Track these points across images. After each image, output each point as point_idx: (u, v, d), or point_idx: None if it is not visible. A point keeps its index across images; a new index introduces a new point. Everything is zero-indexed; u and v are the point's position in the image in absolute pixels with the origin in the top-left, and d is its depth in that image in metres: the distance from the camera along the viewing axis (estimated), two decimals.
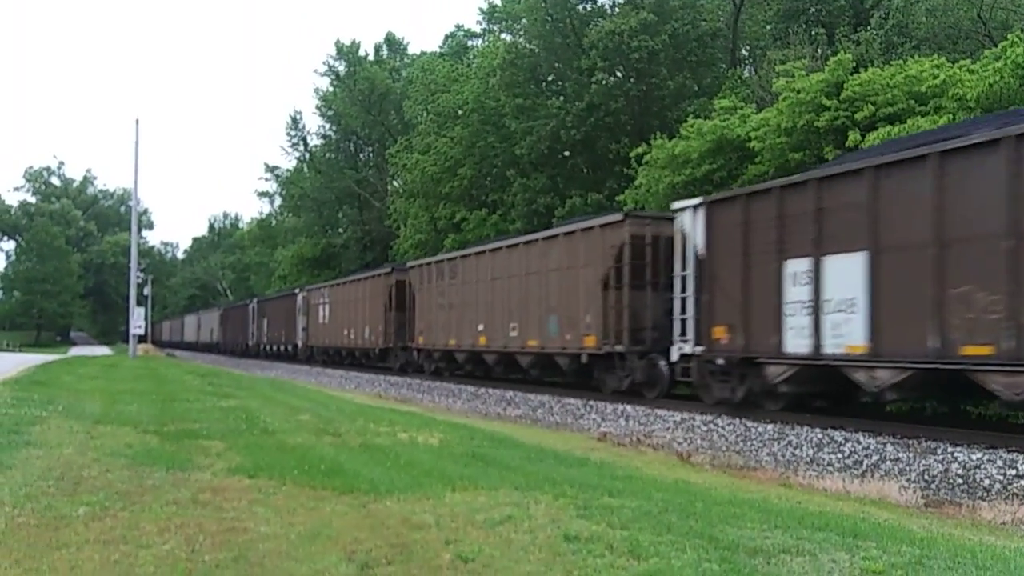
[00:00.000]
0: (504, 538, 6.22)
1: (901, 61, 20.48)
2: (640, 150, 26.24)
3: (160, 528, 6.37)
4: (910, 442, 11.18)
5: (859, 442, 11.60)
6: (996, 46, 19.20)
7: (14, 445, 10.04)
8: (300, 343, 40.62)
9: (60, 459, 9.30)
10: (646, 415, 15.72)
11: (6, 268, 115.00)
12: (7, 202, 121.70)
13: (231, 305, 68.05)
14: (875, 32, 25.56)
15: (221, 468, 9.05)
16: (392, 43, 64.12)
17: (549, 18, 34.22)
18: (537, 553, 5.82)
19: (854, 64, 21.26)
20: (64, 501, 7.18)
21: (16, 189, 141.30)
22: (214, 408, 16.21)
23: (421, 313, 27.38)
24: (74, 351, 70.92)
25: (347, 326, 34.24)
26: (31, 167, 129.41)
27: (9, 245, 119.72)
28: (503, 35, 43.34)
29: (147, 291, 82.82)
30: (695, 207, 15.17)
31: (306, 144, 66.14)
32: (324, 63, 62.36)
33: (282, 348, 44.86)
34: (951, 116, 17.40)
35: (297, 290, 42.52)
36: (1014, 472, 9.53)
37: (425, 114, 43.65)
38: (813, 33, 28.00)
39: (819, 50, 25.91)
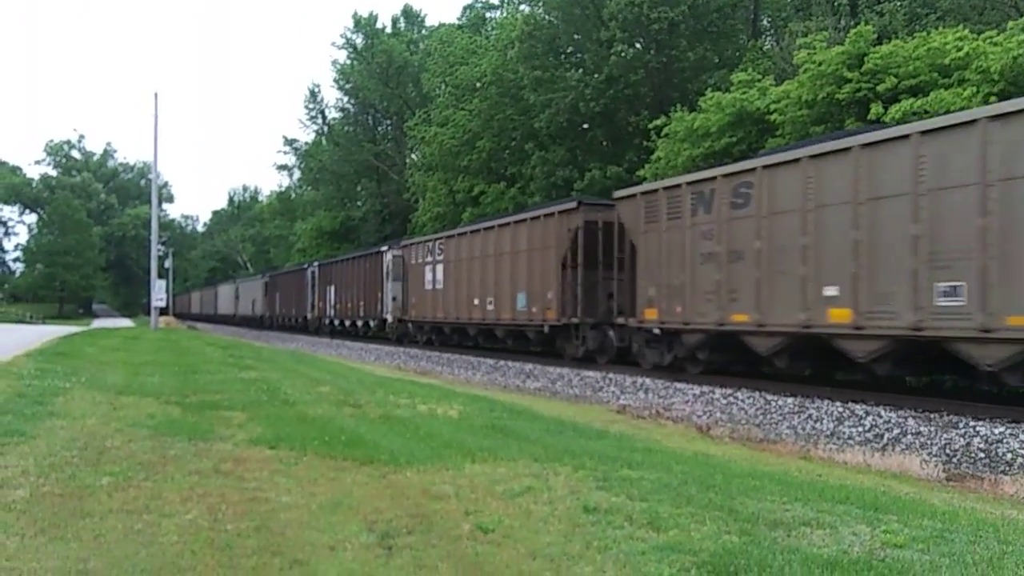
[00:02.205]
0: (524, 509, 6.24)
1: (924, 33, 20.18)
2: (659, 122, 26.08)
3: (183, 498, 6.43)
4: (931, 416, 11.14)
5: (880, 415, 11.56)
6: (1023, 17, 18.86)
7: (38, 416, 10.14)
8: (390, 317, 31.93)
9: (83, 430, 9.39)
10: (665, 388, 15.72)
11: (28, 241, 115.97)
12: (28, 175, 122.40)
13: (279, 270, 57.50)
14: (899, 3, 25.20)
15: (242, 439, 9.12)
16: (410, 15, 63.84)
17: None
18: (556, 524, 5.83)
19: (876, 35, 20.98)
20: (87, 471, 7.24)
21: (37, 163, 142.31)
22: (235, 379, 16.31)
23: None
24: (96, 323, 71.47)
25: (481, 293, 24.65)
26: (52, 140, 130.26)
27: (31, 218, 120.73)
28: (522, 7, 43.05)
29: (168, 264, 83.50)
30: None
31: (324, 117, 66.16)
32: (342, 36, 62.35)
33: (359, 324, 36.35)
34: (975, 88, 17.16)
35: (385, 247, 33.41)
36: None
37: (443, 87, 43.49)
38: (836, 4, 27.63)
39: (841, 21, 25.58)
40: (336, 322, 39.56)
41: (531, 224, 21.66)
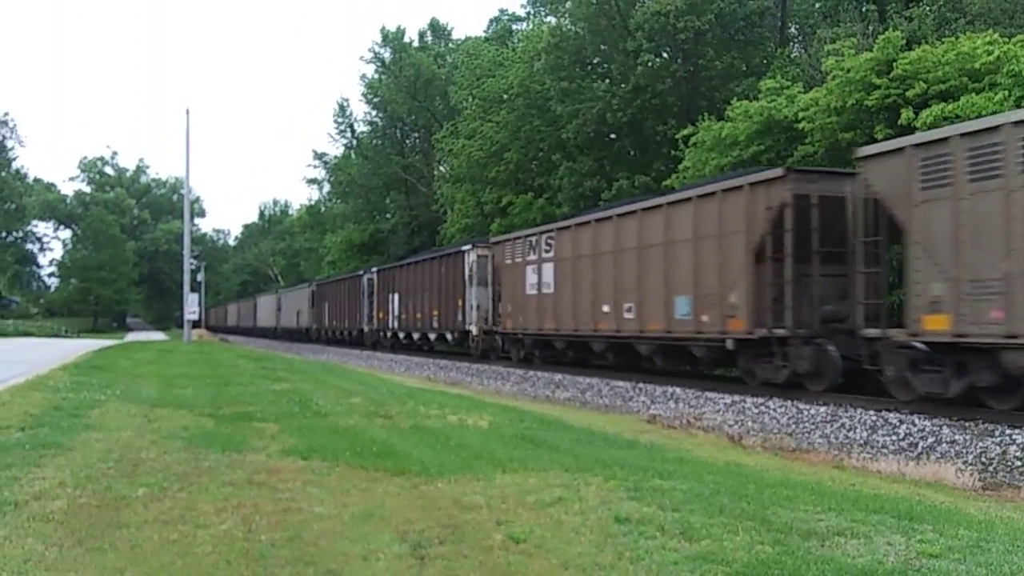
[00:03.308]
0: (555, 519, 6.24)
1: (954, 38, 20.01)
2: (687, 132, 26.01)
3: (217, 508, 6.49)
4: (967, 424, 11.00)
5: (914, 424, 11.44)
6: None
7: (75, 428, 10.29)
8: (474, 328, 27.24)
9: (119, 442, 9.51)
10: (696, 397, 15.64)
11: (63, 256, 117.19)
12: (63, 192, 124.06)
13: (329, 278, 51.71)
14: (928, 8, 25.00)
15: (275, 450, 9.19)
16: (436, 29, 64.15)
17: (594, 0, 33.94)
18: (588, 534, 5.83)
19: (905, 41, 20.84)
20: (123, 482, 7.34)
21: (71, 179, 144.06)
22: (267, 391, 16.45)
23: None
24: (130, 337, 72.30)
25: (615, 297, 19.25)
26: (85, 157, 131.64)
27: (66, 234, 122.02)
28: (548, 18, 43.16)
29: (200, 277, 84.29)
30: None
31: (353, 131, 66.54)
32: (370, 50, 62.69)
33: (431, 337, 31.89)
34: (1007, 92, 16.99)
35: (467, 246, 28.36)
36: None
37: (471, 99, 43.62)
38: (864, 10, 27.48)
39: (870, 27, 25.41)
40: (401, 335, 34.96)
41: (700, 204, 16.52)
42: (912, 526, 6.24)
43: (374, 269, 39.42)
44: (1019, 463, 9.66)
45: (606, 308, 19.52)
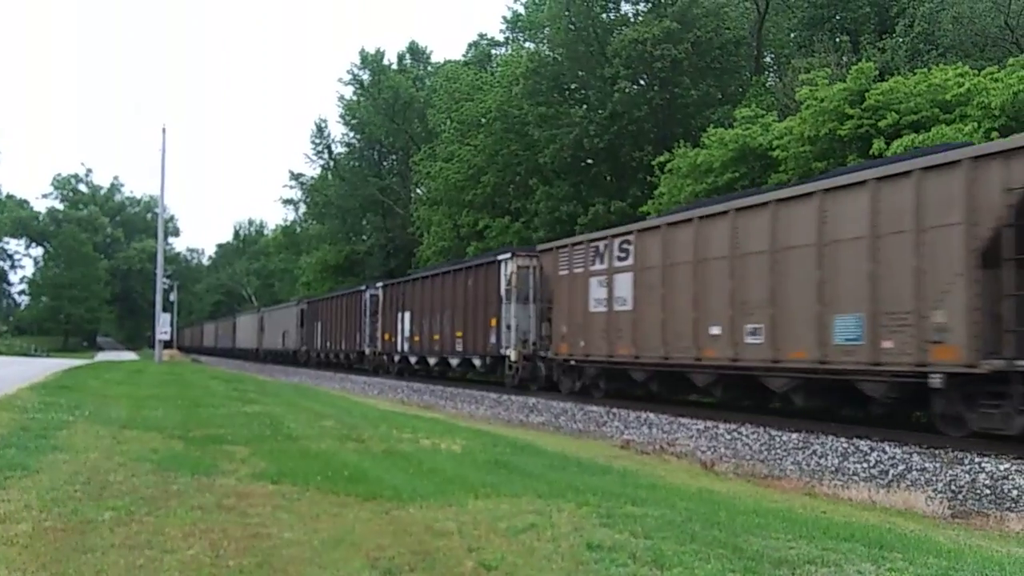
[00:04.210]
0: (527, 546, 6.21)
1: (926, 69, 20.35)
2: (663, 158, 26.23)
3: (185, 533, 6.41)
4: (937, 452, 11.07)
5: (885, 451, 11.51)
6: (1023, 53, 19.05)
7: (41, 449, 10.13)
8: (512, 352, 22.58)
9: (86, 464, 9.38)
10: (669, 423, 15.65)
11: (34, 274, 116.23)
12: (36, 209, 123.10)
13: (323, 295, 47.01)
14: (900, 40, 25.42)
15: (245, 474, 9.10)
16: (415, 52, 64.45)
17: (572, 27, 34.28)
18: (560, 562, 5.80)
19: (878, 72, 21.18)
20: (90, 506, 7.23)
21: (44, 196, 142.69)
22: (238, 414, 16.29)
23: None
24: (100, 356, 71.52)
25: (732, 315, 15.21)
26: (59, 174, 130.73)
27: (37, 251, 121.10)
28: (526, 44, 43.52)
29: (173, 297, 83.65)
30: None
31: (330, 152, 66.56)
32: (348, 72, 62.82)
33: (452, 362, 27.63)
34: (976, 124, 17.29)
35: (505, 254, 23.67)
36: None
37: (448, 122, 43.83)
38: (838, 40, 27.92)
39: (844, 57, 25.81)
40: (413, 359, 30.92)
41: (880, 189, 12.43)
42: (882, 554, 6.25)
43: (379, 285, 35.34)
44: (988, 491, 9.73)
45: (715, 330, 15.50)
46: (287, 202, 78.20)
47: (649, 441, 14.88)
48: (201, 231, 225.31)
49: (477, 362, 25.26)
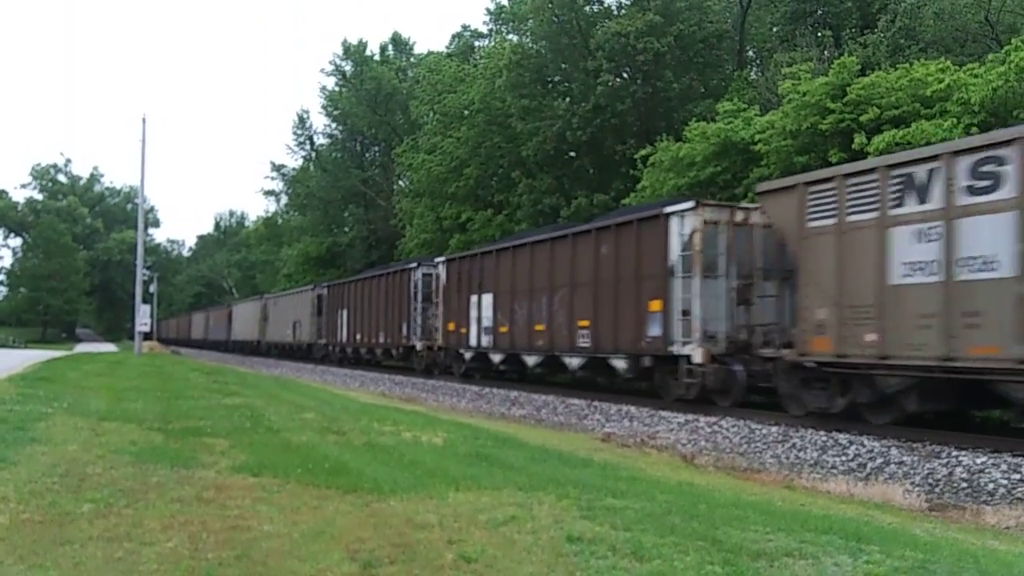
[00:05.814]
0: (507, 538, 6.22)
1: (907, 64, 20.45)
2: (645, 152, 26.25)
3: (164, 525, 6.38)
4: (915, 445, 11.17)
5: (863, 445, 11.60)
6: (1003, 49, 19.18)
7: (19, 441, 10.06)
8: (697, 350, 15.44)
9: (65, 456, 9.32)
10: (650, 416, 15.70)
11: (12, 265, 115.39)
12: (14, 199, 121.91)
13: (351, 278, 38.77)
14: (882, 35, 25.53)
15: (225, 466, 9.07)
16: (398, 43, 64.16)
17: (556, 19, 34.21)
18: (540, 554, 5.82)
19: (860, 66, 21.27)
20: (68, 498, 7.19)
21: (23, 186, 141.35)
22: (219, 406, 16.23)
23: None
24: (79, 348, 71.04)
25: None
26: (38, 164, 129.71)
27: (16, 242, 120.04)
28: (510, 36, 43.38)
29: (153, 288, 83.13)
30: None
31: (312, 143, 66.28)
32: (331, 63, 62.60)
33: (572, 362, 19.37)
34: (956, 120, 17.39)
35: (672, 206, 16.54)
36: (1018, 476, 9.52)
37: (431, 114, 43.69)
38: (820, 35, 28.03)
39: (825, 52, 25.91)
40: (496, 357, 23.22)
41: None
42: (860, 547, 6.30)
43: (437, 260, 27.52)
44: (965, 484, 9.82)
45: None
46: (268, 193, 77.83)
47: (630, 434, 14.94)
48: (181, 222, 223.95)
49: (621, 365, 17.70)
